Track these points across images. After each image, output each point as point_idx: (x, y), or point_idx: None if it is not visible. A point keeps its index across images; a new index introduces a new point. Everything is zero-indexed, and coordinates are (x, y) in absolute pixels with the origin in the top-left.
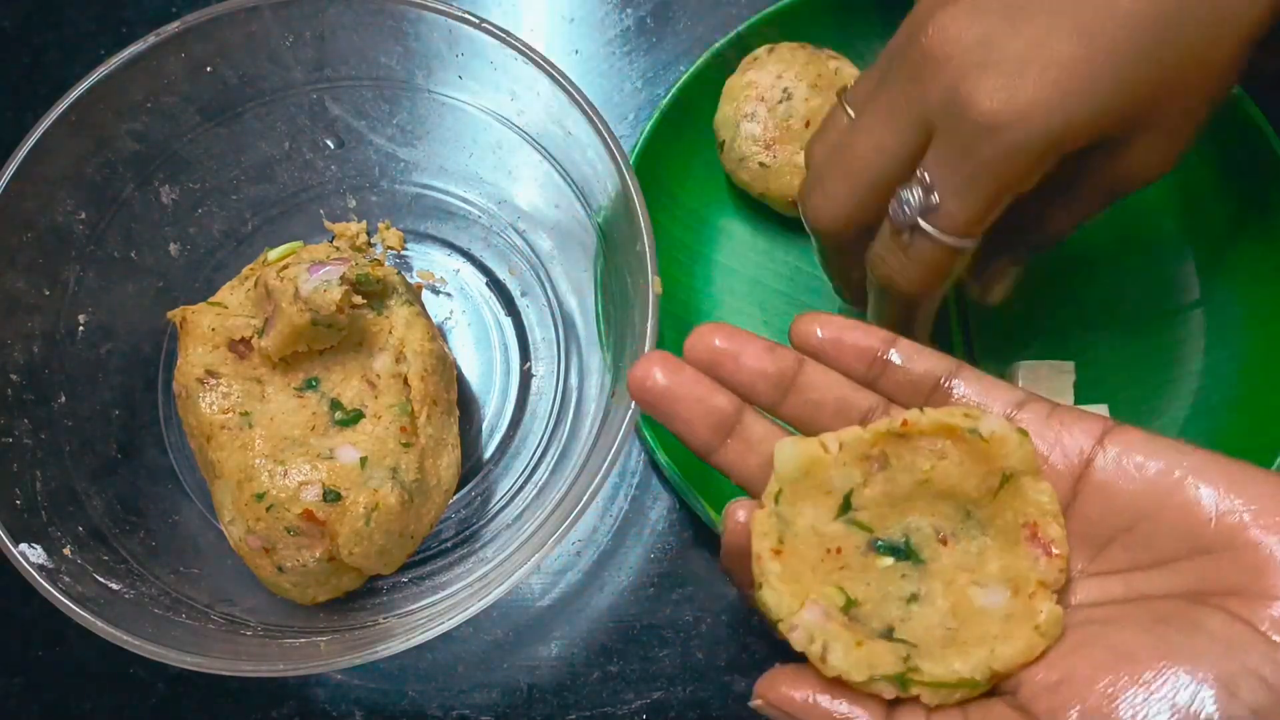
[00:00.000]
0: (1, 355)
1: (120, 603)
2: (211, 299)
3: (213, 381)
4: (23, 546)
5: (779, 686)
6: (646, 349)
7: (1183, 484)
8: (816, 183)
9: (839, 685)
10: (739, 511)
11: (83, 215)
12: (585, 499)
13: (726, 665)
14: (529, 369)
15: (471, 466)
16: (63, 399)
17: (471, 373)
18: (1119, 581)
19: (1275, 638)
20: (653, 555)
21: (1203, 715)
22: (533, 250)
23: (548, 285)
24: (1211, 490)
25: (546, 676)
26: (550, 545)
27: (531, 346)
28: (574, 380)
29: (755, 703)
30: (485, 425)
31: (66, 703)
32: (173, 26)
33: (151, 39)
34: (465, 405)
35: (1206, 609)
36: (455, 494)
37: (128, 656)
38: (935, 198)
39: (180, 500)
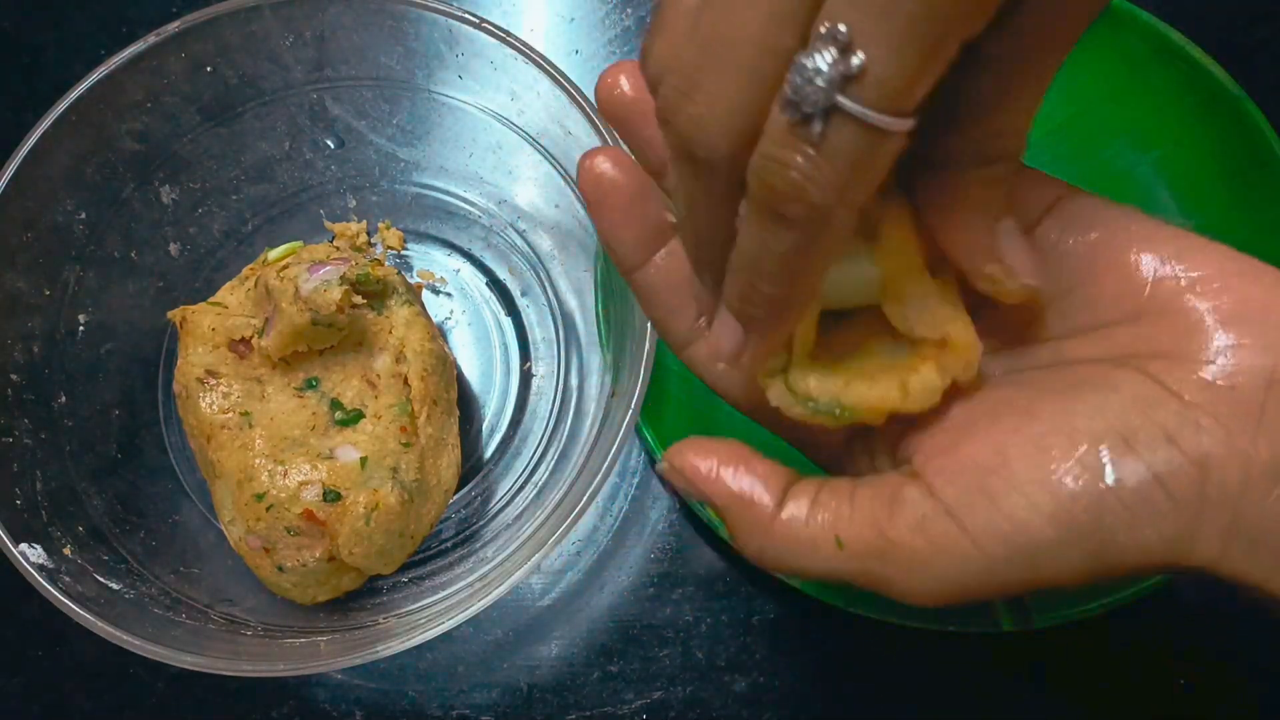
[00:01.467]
0: (1, 355)
1: (120, 603)
2: (211, 299)
3: (213, 381)
4: (23, 546)
5: (687, 455)
6: (646, 349)
7: (1124, 250)
8: (689, 86)
9: (742, 458)
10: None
11: (83, 215)
12: (585, 499)
13: (726, 665)
14: (529, 369)
15: (471, 466)
16: (63, 399)
17: (471, 373)
18: (1048, 349)
19: (1189, 398)
20: (653, 555)
21: (1096, 472)
22: (533, 250)
23: (548, 285)
24: (1153, 256)
25: (546, 676)
26: (550, 545)
27: (531, 346)
28: (574, 380)
29: (661, 467)
30: (485, 425)
31: (66, 703)
32: (173, 26)
33: (151, 39)
34: (465, 405)
35: (1124, 370)
36: (455, 494)
37: (128, 656)
38: (857, 58)
39: (180, 500)
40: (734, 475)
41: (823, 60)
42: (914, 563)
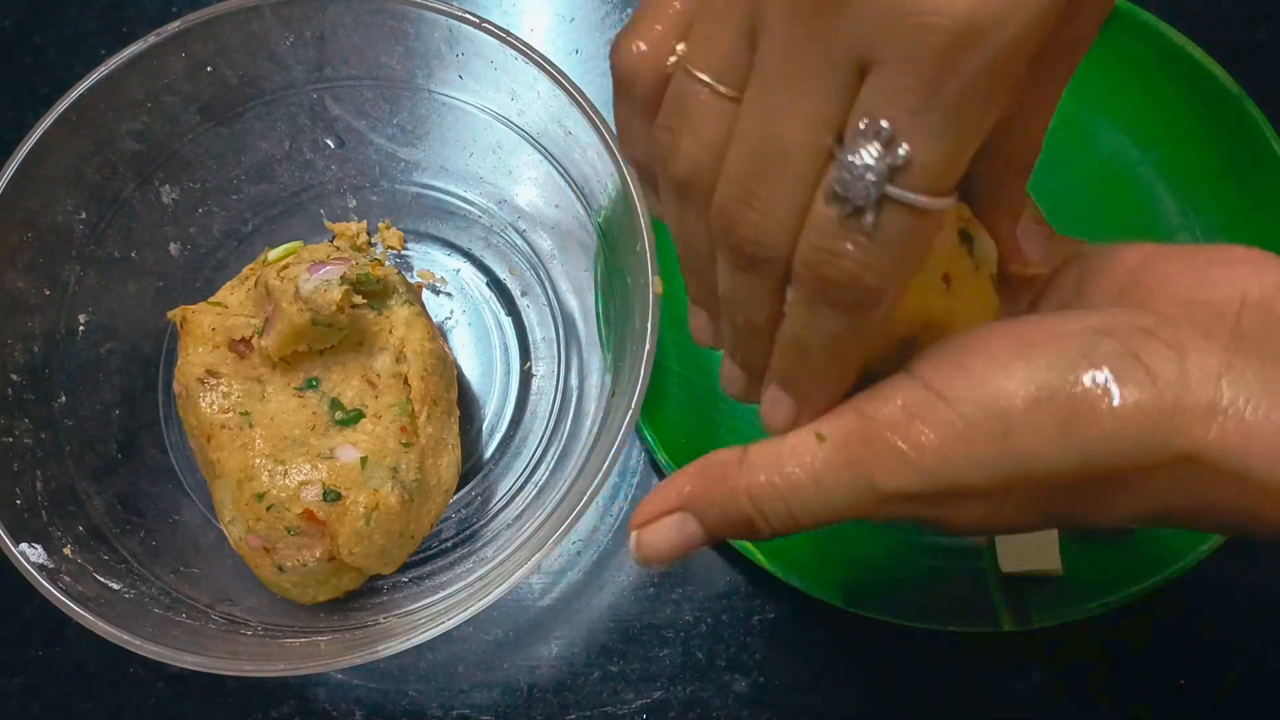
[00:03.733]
0: (1, 355)
1: (120, 602)
2: (212, 299)
3: (213, 381)
4: (23, 546)
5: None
6: (646, 349)
7: (1114, 259)
8: (746, 195)
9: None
10: None
11: (83, 215)
12: (585, 499)
13: (726, 665)
14: (529, 369)
15: (471, 466)
16: (63, 399)
17: (471, 373)
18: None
19: (1167, 311)
20: None
21: (1073, 350)
22: (533, 250)
23: (548, 285)
24: (1138, 255)
25: (546, 676)
26: (550, 545)
27: (531, 346)
28: (574, 380)
29: (633, 536)
30: (485, 425)
31: (66, 703)
32: (173, 26)
33: (151, 39)
34: (465, 405)
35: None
36: (455, 494)
37: (128, 656)
38: (904, 149)
39: (180, 500)
40: (688, 471)
41: (869, 155)
42: (894, 436)
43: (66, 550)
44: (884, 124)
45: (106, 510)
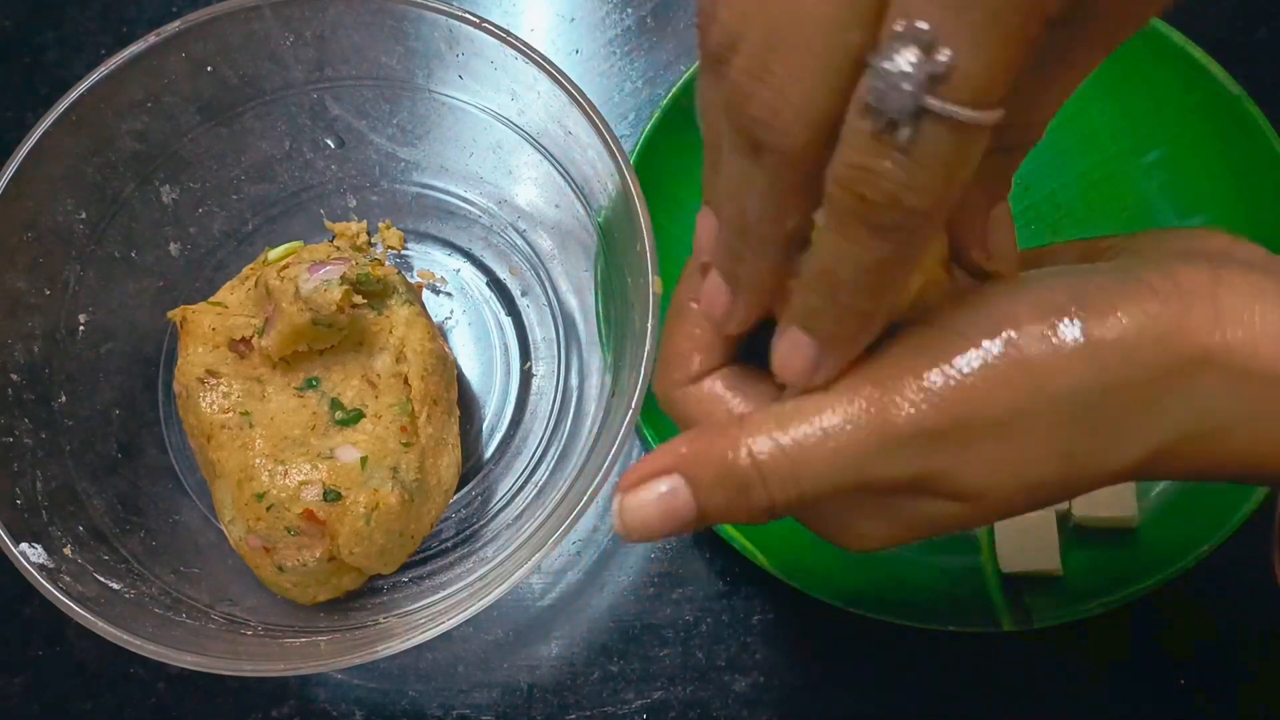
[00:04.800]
0: (2, 355)
1: (120, 602)
2: (212, 299)
3: (213, 381)
4: (23, 546)
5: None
6: (646, 349)
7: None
8: (760, 69)
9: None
10: None
11: (83, 215)
12: (585, 499)
13: (726, 665)
14: (529, 369)
15: (471, 466)
16: (63, 399)
17: (471, 373)
18: None
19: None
20: (653, 555)
21: (1076, 274)
22: (533, 250)
23: (548, 285)
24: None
25: (547, 676)
26: (550, 545)
27: (531, 346)
28: (574, 380)
29: (615, 500)
30: (485, 425)
31: (66, 702)
32: (173, 26)
33: (151, 39)
34: (465, 405)
35: None
36: (455, 494)
37: (128, 656)
38: (945, 54)
39: (180, 500)
40: (684, 435)
41: (905, 61)
42: (906, 373)
43: (66, 550)
44: (923, 25)
45: (106, 510)
